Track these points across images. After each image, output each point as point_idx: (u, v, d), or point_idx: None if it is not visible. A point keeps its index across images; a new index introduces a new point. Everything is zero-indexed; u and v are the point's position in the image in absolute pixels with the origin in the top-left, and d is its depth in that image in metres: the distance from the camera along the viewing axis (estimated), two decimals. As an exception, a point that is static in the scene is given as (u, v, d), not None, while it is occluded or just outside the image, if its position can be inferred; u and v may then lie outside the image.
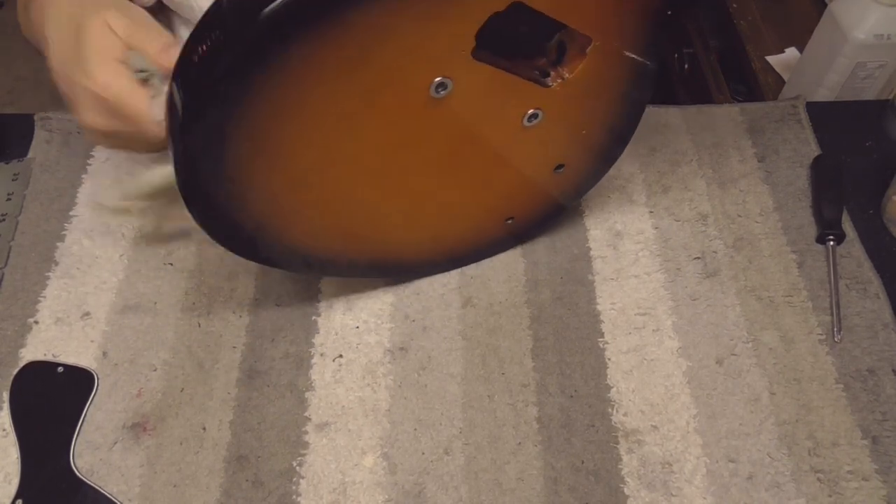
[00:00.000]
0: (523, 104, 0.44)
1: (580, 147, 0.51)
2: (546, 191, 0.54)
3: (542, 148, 0.49)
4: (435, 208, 0.50)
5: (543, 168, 0.51)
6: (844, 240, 0.58)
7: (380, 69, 0.37)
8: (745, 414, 0.50)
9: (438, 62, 0.39)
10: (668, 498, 0.46)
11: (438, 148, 0.45)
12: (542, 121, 0.46)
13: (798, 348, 0.53)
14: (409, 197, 0.48)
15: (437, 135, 0.44)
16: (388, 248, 0.52)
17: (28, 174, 0.62)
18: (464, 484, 0.47)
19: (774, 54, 0.95)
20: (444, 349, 0.53)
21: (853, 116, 0.69)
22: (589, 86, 0.46)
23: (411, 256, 0.54)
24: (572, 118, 0.48)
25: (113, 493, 0.46)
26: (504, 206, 0.53)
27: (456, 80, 0.40)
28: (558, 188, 0.54)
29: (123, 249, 0.58)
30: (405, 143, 0.43)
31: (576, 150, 0.51)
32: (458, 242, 0.55)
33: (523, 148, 0.48)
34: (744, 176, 0.63)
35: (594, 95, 0.47)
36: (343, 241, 0.49)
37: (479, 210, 0.52)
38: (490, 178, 0.49)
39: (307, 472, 0.47)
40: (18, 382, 0.50)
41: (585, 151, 0.52)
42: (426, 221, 0.51)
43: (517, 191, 0.52)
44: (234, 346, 0.53)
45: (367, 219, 0.48)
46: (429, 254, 0.55)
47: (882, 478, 0.47)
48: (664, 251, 0.58)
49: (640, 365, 0.52)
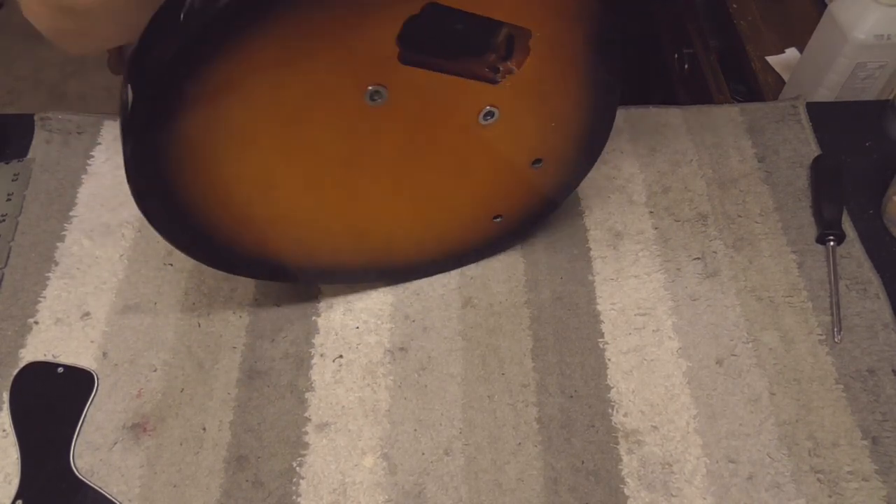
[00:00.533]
0: (475, 103, 0.44)
1: (554, 140, 0.50)
2: (529, 186, 0.54)
3: (510, 144, 0.48)
4: (407, 211, 0.50)
5: (519, 164, 0.51)
6: (844, 240, 0.58)
7: (311, 81, 0.38)
8: (745, 414, 0.50)
9: (368, 70, 0.39)
10: (668, 498, 0.46)
11: (390, 154, 0.44)
12: (501, 118, 0.45)
13: (798, 348, 0.53)
14: (371, 202, 0.48)
15: (386, 142, 0.43)
16: (372, 251, 0.52)
17: (28, 174, 0.62)
18: (464, 484, 0.47)
19: (774, 54, 0.95)
20: (444, 349, 0.53)
21: (853, 116, 0.69)
22: (544, 79, 0.45)
23: (399, 259, 0.54)
24: (535, 112, 0.47)
25: (113, 494, 0.46)
26: (487, 204, 0.53)
27: (391, 86, 0.40)
28: (543, 183, 0.54)
29: (123, 249, 0.58)
30: (353, 153, 0.43)
31: (550, 144, 0.50)
32: (446, 243, 0.55)
33: (489, 146, 0.48)
34: (744, 176, 0.63)
35: (553, 89, 0.46)
36: (309, 249, 0.49)
37: (462, 210, 0.52)
38: (462, 178, 0.49)
39: (307, 473, 0.47)
40: (18, 383, 0.50)
41: (561, 145, 0.51)
42: (400, 224, 0.51)
43: (497, 189, 0.52)
44: (234, 347, 0.53)
45: (328, 227, 0.48)
46: (417, 255, 0.55)
47: (882, 478, 0.47)
48: (664, 251, 0.58)
49: (640, 365, 0.52)
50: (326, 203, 0.46)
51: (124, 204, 0.60)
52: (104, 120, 0.66)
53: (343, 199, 0.47)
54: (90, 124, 0.66)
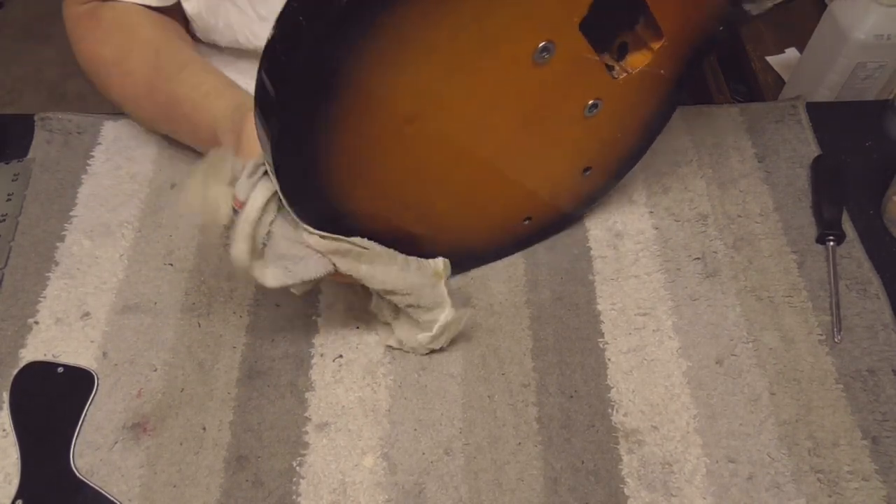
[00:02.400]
0: (591, 91, 0.45)
1: (610, 152, 0.52)
2: (568, 192, 0.54)
3: (586, 143, 0.49)
4: (479, 188, 0.49)
5: (577, 166, 0.52)
6: (844, 240, 0.58)
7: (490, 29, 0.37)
8: (745, 414, 0.50)
9: (548, 25, 0.38)
10: (668, 498, 0.46)
11: (513, 119, 0.44)
12: (598, 114, 0.46)
13: (798, 348, 0.53)
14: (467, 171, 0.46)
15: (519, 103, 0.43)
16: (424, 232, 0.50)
17: (28, 174, 0.62)
18: (464, 484, 0.47)
19: (774, 54, 0.95)
20: (444, 349, 0.53)
21: (853, 116, 0.69)
22: (640, 89, 0.46)
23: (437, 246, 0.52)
24: (618, 118, 0.48)
25: (113, 494, 0.46)
26: (528, 202, 0.53)
27: (558, 47, 0.39)
28: (578, 192, 0.55)
29: (123, 249, 0.58)
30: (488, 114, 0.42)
31: (606, 155, 0.52)
32: (475, 239, 0.54)
33: (572, 138, 0.48)
34: (744, 176, 0.63)
35: (639, 100, 0.48)
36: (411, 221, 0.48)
37: (507, 203, 0.52)
38: (533, 166, 0.49)
39: (307, 473, 0.47)
40: (18, 383, 0.50)
41: (612, 157, 0.53)
42: (466, 202, 0.50)
43: (545, 187, 0.52)
44: (234, 346, 0.53)
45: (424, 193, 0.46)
46: (448, 246, 0.52)
47: (882, 478, 0.47)
48: (664, 251, 0.58)
49: (640, 365, 0.52)
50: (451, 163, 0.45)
51: (124, 204, 0.60)
52: (104, 120, 0.66)
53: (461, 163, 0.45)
54: (90, 124, 0.66)
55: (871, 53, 0.72)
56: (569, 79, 0.43)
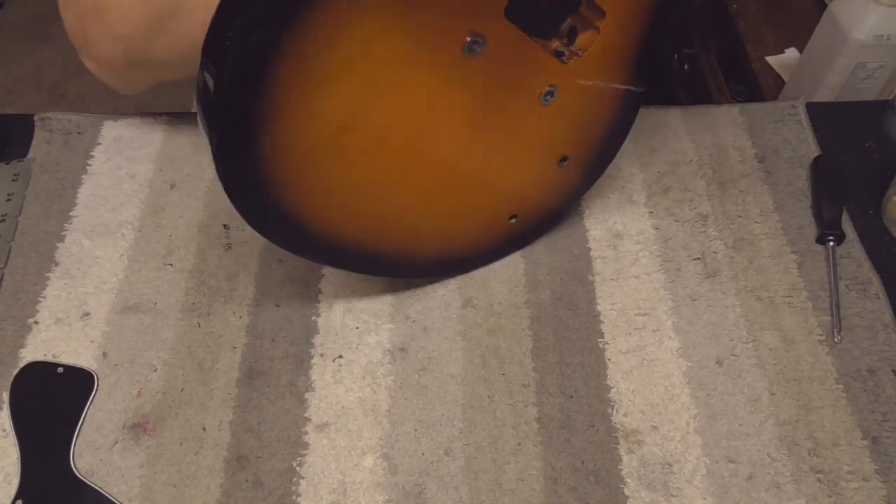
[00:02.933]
0: (542, 79, 0.44)
1: (583, 140, 0.51)
2: (549, 186, 0.54)
3: (552, 133, 0.49)
4: (451, 193, 0.49)
5: (550, 158, 0.51)
6: (844, 240, 0.58)
7: (411, 32, 0.36)
8: (745, 414, 0.50)
9: (473, 17, 0.38)
10: (668, 498, 0.46)
11: (460, 121, 0.43)
12: (555, 102, 0.45)
13: (798, 348, 0.53)
14: (428, 177, 0.46)
15: (463, 101, 0.42)
16: (402, 241, 0.50)
17: (28, 174, 0.62)
18: (464, 484, 0.47)
19: (774, 54, 0.95)
20: (445, 350, 0.53)
21: (853, 116, 0.69)
22: (597, 71, 0.45)
23: (420, 254, 0.53)
24: (579, 104, 0.48)
25: (113, 494, 0.46)
26: (510, 200, 0.53)
27: (489, 39, 0.39)
28: (560, 184, 0.54)
29: (123, 249, 0.58)
30: (430, 116, 0.42)
31: (578, 143, 0.51)
32: (462, 242, 0.54)
33: (536, 130, 0.47)
34: (744, 176, 0.63)
35: (599, 83, 0.47)
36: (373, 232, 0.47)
37: (487, 203, 0.52)
38: (502, 163, 0.49)
39: (307, 473, 0.47)
40: (18, 383, 0.50)
41: (586, 145, 0.52)
42: (440, 209, 0.49)
43: (523, 183, 0.52)
44: (234, 347, 0.53)
45: (388, 202, 0.46)
46: (433, 253, 0.54)
47: (882, 478, 0.47)
48: (664, 251, 0.58)
49: (640, 365, 0.52)
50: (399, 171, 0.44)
51: (124, 204, 0.60)
52: (104, 120, 0.66)
53: (408, 169, 0.45)
54: (90, 124, 0.66)
55: (870, 53, 0.72)
56: (512, 68, 0.42)
